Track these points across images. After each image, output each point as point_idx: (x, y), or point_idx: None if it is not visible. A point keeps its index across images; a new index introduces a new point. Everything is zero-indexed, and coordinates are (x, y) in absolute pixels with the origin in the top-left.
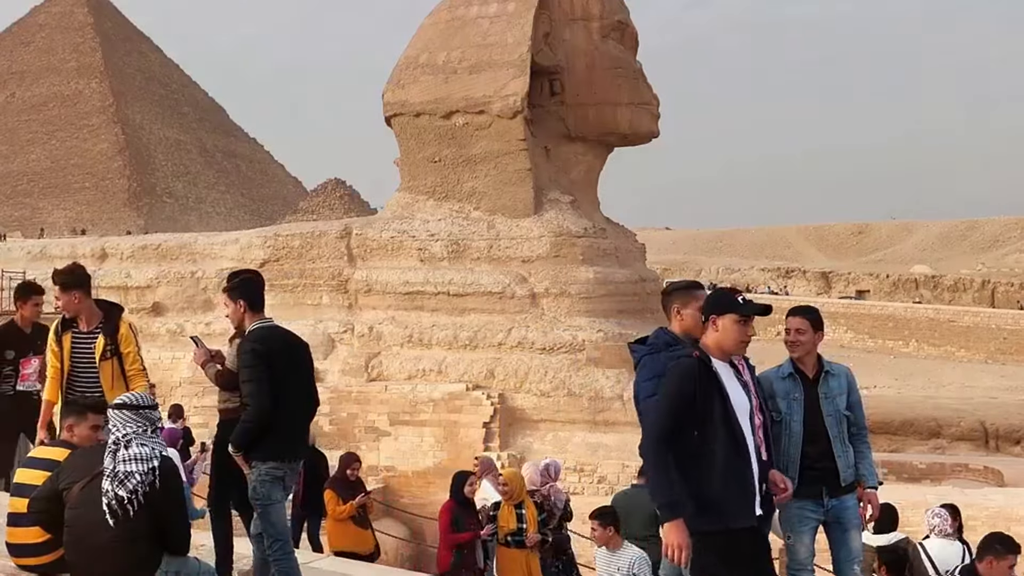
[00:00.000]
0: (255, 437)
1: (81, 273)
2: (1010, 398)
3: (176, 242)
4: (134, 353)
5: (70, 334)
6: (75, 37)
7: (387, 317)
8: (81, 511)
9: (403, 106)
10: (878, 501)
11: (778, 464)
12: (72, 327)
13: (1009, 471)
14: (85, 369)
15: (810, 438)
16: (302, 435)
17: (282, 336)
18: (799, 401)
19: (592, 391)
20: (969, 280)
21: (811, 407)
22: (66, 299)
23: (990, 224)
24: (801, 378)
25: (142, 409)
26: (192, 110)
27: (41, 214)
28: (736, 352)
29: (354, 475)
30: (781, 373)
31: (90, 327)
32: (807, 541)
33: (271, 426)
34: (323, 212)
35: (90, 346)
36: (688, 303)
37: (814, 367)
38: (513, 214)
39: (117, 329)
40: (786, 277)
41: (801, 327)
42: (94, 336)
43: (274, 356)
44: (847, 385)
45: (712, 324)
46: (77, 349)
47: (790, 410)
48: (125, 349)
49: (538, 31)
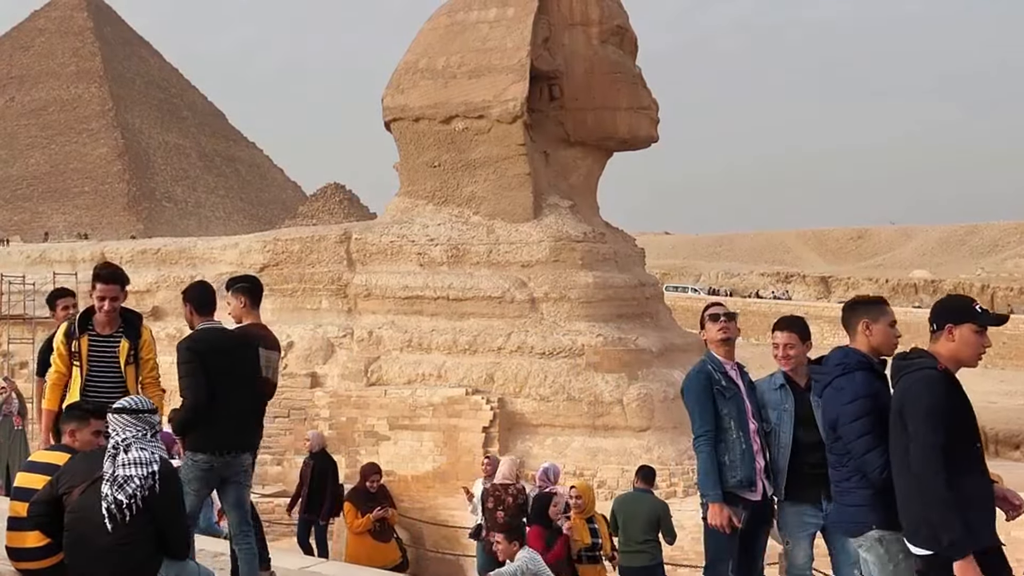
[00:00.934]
0: (192, 427)
1: (124, 273)
2: (1009, 403)
3: (175, 246)
4: (153, 360)
5: (87, 337)
6: (74, 41)
7: (387, 321)
8: (81, 515)
9: (403, 111)
10: None
11: (769, 472)
12: (89, 329)
13: (1008, 476)
14: (105, 374)
15: (807, 446)
16: (239, 429)
17: (220, 336)
18: (789, 413)
19: (591, 395)
20: (969, 285)
21: (806, 416)
22: (105, 291)
23: (989, 229)
24: (793, 388)
25: (142, 413)
26: (191, 114)
27: (40, 218)
28: (970, 364)
29: (374, 486)
30: (773, 384)
31: (111, 331)
32: (805, 546)
33: (206, 419)
34: (322, 216)
35: (111, 350)
36: (878, 318)
37: (805, 376)
38: (512, 219)
39: (140, 334)
40: (785, 282)
41: (790, 342)
42: (115, 340)
43: (208, 355)
44: None
45: (947, 333)
46: (96, 353)
47: (780, 421)
48: (146, 356)
49: (537, 36)
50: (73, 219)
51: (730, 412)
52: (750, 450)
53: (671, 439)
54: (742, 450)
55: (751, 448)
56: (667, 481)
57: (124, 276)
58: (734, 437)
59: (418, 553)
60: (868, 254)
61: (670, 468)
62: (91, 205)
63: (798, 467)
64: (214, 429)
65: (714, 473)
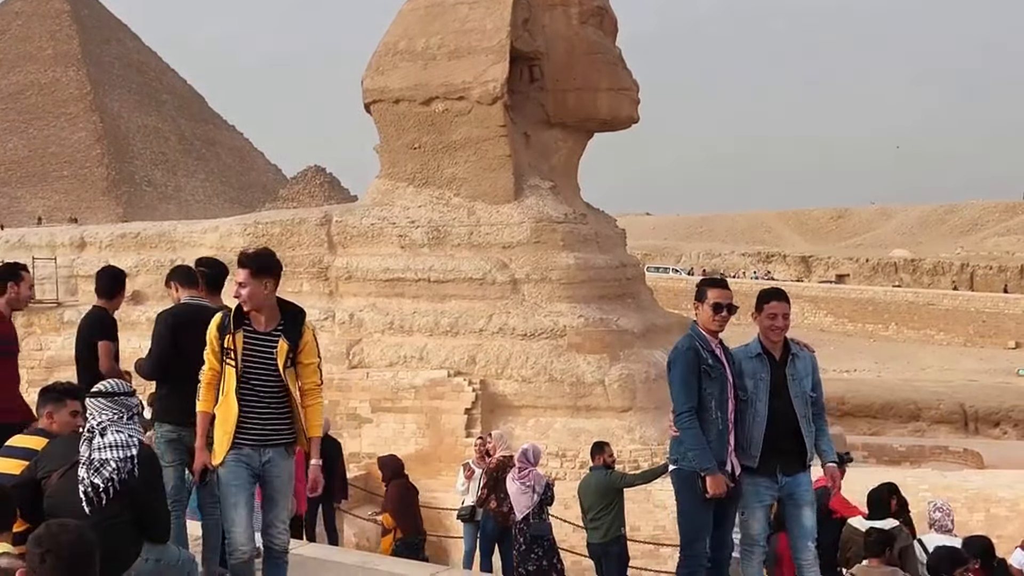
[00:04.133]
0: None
1: (276, 260)
2: (989, 380)
3: (155, 230)
4: (315, 366)
5: (242, 332)
6: (51, 25)
7: (368, 304)
8: (59, 499)
9: (382, 93)
10: (839, 475)
11: (740, 442)
12: (244, 324)
13: (988, 453)
14: (259, 376)
15: (775, 418)
16: None
17: (197, 312)
18: (765, 381)
19: (573, 377)
20: (948, 264)
21: (778, 388)
22: (254, 287)
23: (969, 208)
24: (769, 359)
25: (118, 396)
26: (171, 98)
27: (19, 203)
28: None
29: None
30: (749, 352)
31: (268, 328)
32: (760, 517)
33: (171, 392)
34: (303, 200)
35: (269, 350)
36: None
37: (782, 349)
38: (493, 200)
39: (301, 335)
40: (766, 262)
41: (786, 312)
42: (273, 339)
43: (180, 328)
44: (811, 367)
45: None
46: (250, 351)
47: (756, 390)
48: (306, 360)
49: (517, 17)
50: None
51: (712, 392)
52: (725, 430)
53: (653, 419)
54: (719, 431)
55: (726, 428)
56: (649, 461)
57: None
58: (713, 417)
59: None
60: (848, 234)
61: (652, 448)
62: (70, 190)
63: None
64: (181, 400)
65: (706, 447)
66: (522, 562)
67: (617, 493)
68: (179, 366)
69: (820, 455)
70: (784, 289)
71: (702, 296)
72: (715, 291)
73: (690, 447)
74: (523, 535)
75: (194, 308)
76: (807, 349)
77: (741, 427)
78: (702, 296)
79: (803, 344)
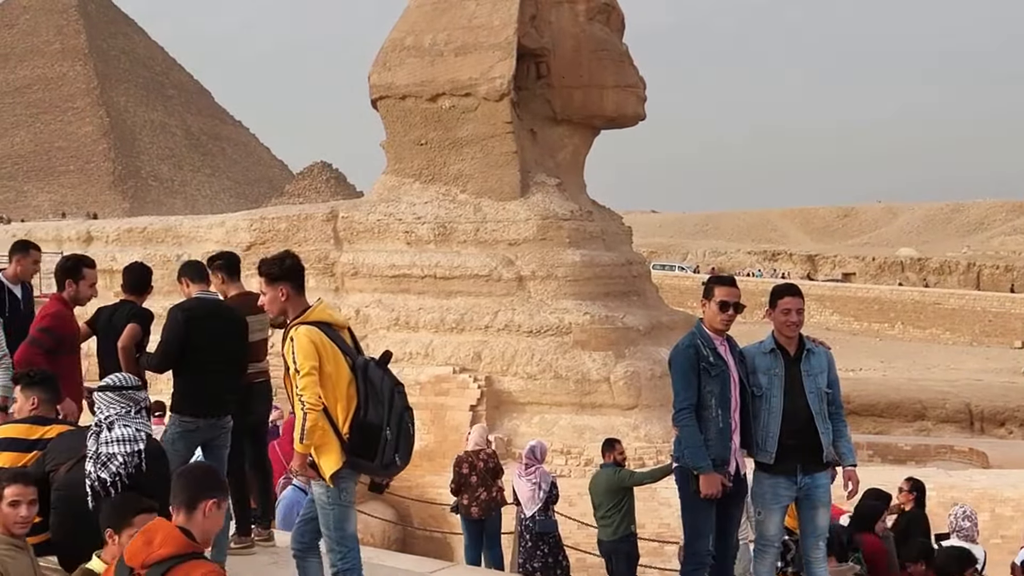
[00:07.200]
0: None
1: (287, 267)
2: (995, 380)
3: (161, 225)
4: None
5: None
6: (59, 19)
7: (374, 300)
8: (66, 493)
9: (389, 89)
10: (857, 478)
11: (757, 438)
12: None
13: (994, 453)
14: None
15: (789, 415)
16: (222, 395)
17: (210, 307)
18: (779, 377)
19: (579, 374)
20: (954, 263)
21: (793, 384)
22: (271, 294)
23: (975, 207)
24: (783, 355)
25: (125, 390)
26: (177, 93)
27: (26, 197)
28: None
29: None
30: (763, 348)
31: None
32: (777, 519)
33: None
34: (309, 195)
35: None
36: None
37: (796, 344)
38: (500, 197)
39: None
40: (772, 260)
41: (800, 307)
42: None
43: (193, 322)
44: (827, 363)
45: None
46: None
47: (771, 385)
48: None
49: (524, 13)
50: (58, 198)
51: (712, 390)
52: (727, 429)
53: (658, 417)
54: (719, 429)
55: (728, 427)
56: (654, 459)
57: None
58: (712, 415)
59: (405, 531)
60: (854, 232)
61: (657, 446)
62: (76, 184)
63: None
64: (195, 393)
65: (701, 445)
66: (528, 559)
67: (627, 491)
68: (195, 359)
69: (839, 457)
70: (798, 285)
71: (709, 294)
72: (722, 289)
73: (686, 445)
74: (529, 532)
75: (205, 302)
76: (823, 346)
77: (756, 423)
78: (709, 294)
79: (819, 341)
